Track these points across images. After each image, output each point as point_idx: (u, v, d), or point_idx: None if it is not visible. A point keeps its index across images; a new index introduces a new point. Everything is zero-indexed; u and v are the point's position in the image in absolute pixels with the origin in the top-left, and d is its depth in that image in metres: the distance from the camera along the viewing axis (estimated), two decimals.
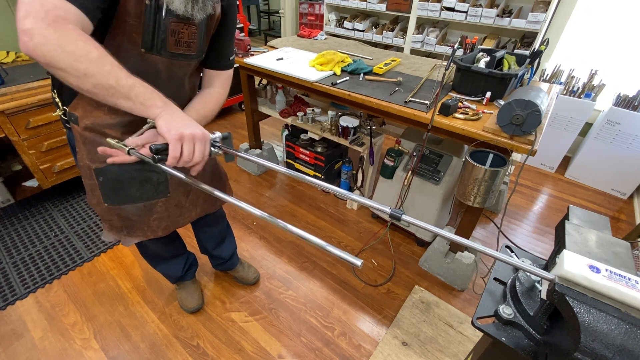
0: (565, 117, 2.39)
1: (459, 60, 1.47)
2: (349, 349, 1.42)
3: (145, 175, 0.98)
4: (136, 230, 1.07)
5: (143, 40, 0.77)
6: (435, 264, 1.73)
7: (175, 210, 1.11)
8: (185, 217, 1.16)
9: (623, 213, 2.25)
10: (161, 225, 1.10)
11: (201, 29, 0.85)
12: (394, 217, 0.60)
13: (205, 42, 0.90)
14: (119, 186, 0.97)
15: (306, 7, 3.76)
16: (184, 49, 0.84)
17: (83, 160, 0.93)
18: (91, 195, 1.00)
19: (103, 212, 1.03)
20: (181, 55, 0.85)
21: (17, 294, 1.59)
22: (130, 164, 0.86)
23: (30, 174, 1.98)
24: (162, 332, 1.47)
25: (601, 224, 0.70)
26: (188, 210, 1.15)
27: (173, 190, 1.07)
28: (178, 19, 0.79)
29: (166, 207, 1.08)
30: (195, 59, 0.91)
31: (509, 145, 1.20)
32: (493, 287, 0.75)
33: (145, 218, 1.06)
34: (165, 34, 0.79)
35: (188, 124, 0.70)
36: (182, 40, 0.83)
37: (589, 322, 0.49)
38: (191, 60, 0.89)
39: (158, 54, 0.81)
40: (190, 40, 0.84)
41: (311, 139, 2.27)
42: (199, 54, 0.90)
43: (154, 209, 1.06)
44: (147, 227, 1.08)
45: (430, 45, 2.79)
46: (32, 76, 1.85)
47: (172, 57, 0.83)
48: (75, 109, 0.86)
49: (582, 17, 2.40)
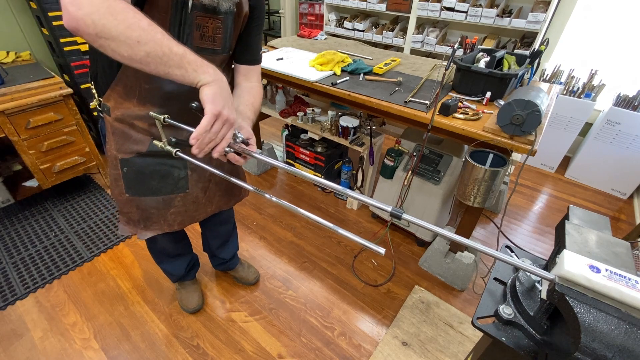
0: (565, 117, 2.39)
1: (459, 60, 1.47)
2: (349, 349, 1.42)
3: (167, 169, 1.02)
4: (153, 223, 1.10)
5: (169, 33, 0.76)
6: (435, 264, 1.73)
7: (192, 206, 1.14)
8: (200, 212, 1.19)
9: (623, 213, 2.25)
10: (177, 220, 1.13)
11: (226, 23, 0.86)
12: (395, 215, 0.60)
13: (232, 39, 0.91)
14: (141, 178, 1.00)
15: (306, 7, 3.76)
16: (208, 44, 0.85)
17: (111, 150, 0.97)
18: (114, 185, 1.04)
19: (123, 204, 1.06)
20: (206, 50, 0.86)
21: (17, 294, 1.59)
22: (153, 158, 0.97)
23: (30, 174, 1.98)
24: (162, 332, 1.47)
25: (601, 224, 0.70)
26: (204, 206, 1.18)
27: (192, 187, 1.10)
28: (203, 13, 0.80)
29: (184, 202, 1.11)
30: (221, 54, 0.91)
31: (509, 145, 1.20)
32: (493, 287, 0.75)
33: (163, 212, 1.09)
34: (190, 29, 0.80)
35: (230, 105, 0.71)
36: (206, 34, 0.84)
37: (589, 322, 0.49)
38: (216, 55, 0.90)
39: None
40: (215, 34, 0.85)
41: (311, 139, 2.27)
42: (224, 50, 0.91)
43: (172, 203, 1.09)
44: (164, 220, 1.11)
45: (430, 45, 2.79)
46: (32, 76, 1.85)
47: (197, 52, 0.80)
48: (108, 100, 0.88)
49: (582, 17, 2.40)
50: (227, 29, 0.87)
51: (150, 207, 1.07)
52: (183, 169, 1.05)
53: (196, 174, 1.09)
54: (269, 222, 2.07)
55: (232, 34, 0.90)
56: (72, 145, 2.01)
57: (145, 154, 0.98)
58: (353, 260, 1.83)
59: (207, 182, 1.14)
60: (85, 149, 2.07)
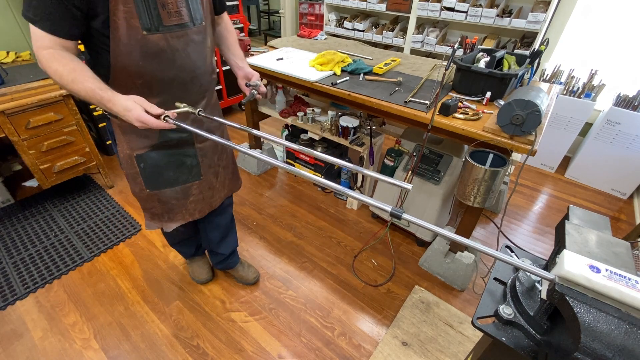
0: (565, 117, 2.39)
1: (459, 60, 1.47)
2: (349, 349, 1.42)
3: (180, 159, 1.09)
4: (176, 214, 1.19)
5: (141, 22, 0.82)
6: (435, 264, 1.73)
7: (208, 192, 1.22)
8: (216, 197, 1.27)
9: (623, 213, 2.25)
10: (197, 208, 1.22)
11: None
12: (395, 215, 0.60)
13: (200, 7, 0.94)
14: (158, 171, 1.08)
15: (306, 7, 3.76)
16: (176, 19, 0.88)
17: (124, 150, 1.04)
18: (133, 184, 1.11)
19: (145, 200, 1.14)
20: (176, 26, 0.89)
21: (17, 294, 1.59)
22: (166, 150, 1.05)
23: (30, 174, 1.98)
24: (162, 332, 1.47)
25: (601, 224, 0.70)
26: (218, 190, 1.26)
27: (205, 173, 1.17)
28: None
29: (200, 190, 1.19)
30: (193, 27, 0.92)
31: (509, 145, 1.20)
32: (493, 287, 0.75)
33: (183, 202, 1.17)
34: (157, 10, 0.84)
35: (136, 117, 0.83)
36: (172, 11, 0.86)
37: (589, 322, 0.49)
38: (187, 29, 0.91)
39: (157, 32, 0.86)
40: (179, 8, 0.88)
41: (311, 139, 2.27)
42: (195, 21, 0.92)
43: (189, 192, 1.16)
44: (185, 210, 1.19)
45: (430, 45, 2.79)
46: (32, 76, 1.85)
47: (169, 31, 0.88)
48: None
49: (582, 17, 2.40)
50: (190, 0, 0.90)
51: (171, 198, 1.14)
52: (194, 157, 1.11)
53: (207, 159, 1.15)
54: (269, 222, 2.08)
55: (194, 2, 0.91)
56: (72, 145, 2.01)
57: (158, 145, 1.04)
58: (353, 260, 1.83)
59: (217, 167, 1.21)
60: (85, 149, 2.07)
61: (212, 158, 1.18)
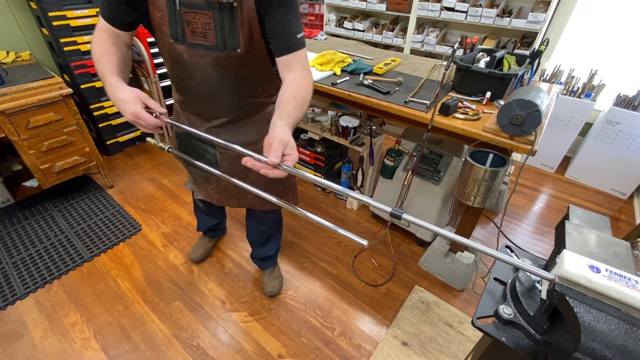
0: (565, 117, 2.39)
1: (459, 60, 1.47)
2: (349, 349, 1.42)
3: (202, 152, 1.17)
4: (201, 189, 1.34)
5: (170, 31, 0.88)
6: (435, 264, 1.73)
7: (225, 192, 1.27)
8: (234, 201, 1.31)
9: (623, 213, 2.24)
10: (215, 197, 1.31)
11: (218, 18, 0.83)
12: (395, 215, 0.60)
13: (234, 35, 0.86)
14: (184, 150, 1.20)
15: (306, 7, 3.75)
16: (200, 40, 0.87)
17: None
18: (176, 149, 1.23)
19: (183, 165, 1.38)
20: (200, 45, 0.88)
21: (17, 294, 1.59)
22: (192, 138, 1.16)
23: (30, 174, 1.98)
24: (162, 332, 1.47)
25: (601, 224, 0.70)
26: (237, 197, 1.29)
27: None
28: (189, 8, 0.83)
29: (218, 185, 1.26)
30: (219, 51, 0.88)
31: (509, 145, 1.20)
32: (493, 287, 0.75)
33: (205, 184, 1.29)
34: (182, 25, 0.86)
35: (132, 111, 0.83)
36: (197, 30, 0.86)
37: (589, 322, 0.49)
38: (211, 52, 0.88)
39: (182, 44, 0.89)
40: (205, 30, 0.85)
41: (311, 139, 2.27)
42: (222, 46, 0.87)
43: (210, 181, 1.26)
44: (206, 192, 1.32)
45: (430, 45, 2.79)
46: (32, 76, 1.85)
47: (193, 48, 0.89)
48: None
49: (582, 17, 2.40)
50: (220, 24, 0.84)
51: (197, 175, 1.28)
52: (213, 156, 1.16)
53: (225, 164, 1.16)
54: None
55: (232, 29, 0.85)
56: (72, 145, 2.01)
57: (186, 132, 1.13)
58: (353, 260, 1.83)
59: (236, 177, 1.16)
60: (85, 149, 2.07)
61: (232, 166, 1.15)
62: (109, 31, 0.89)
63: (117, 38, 0.91)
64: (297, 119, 0.80)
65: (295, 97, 0.84)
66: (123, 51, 0.92)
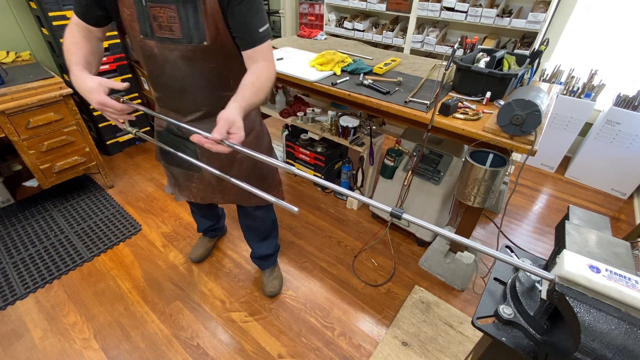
0: (565, 117, 2.39)
1: (459, 60, 1.47)
2: (349, 349, 1.42)
3: (182, 149, 1.16)
4: (183, 190, 1.32)
5: (140, 27, 0.90)
6: (435, 264, 1.73)
7: (209, 188, 1.27)
8: (218, 197, 1.30)
9: (623, 213, 2.25)
10: (199, 195, 1.30)
11: (181, 12, 0.85)
12: (395, 215, 0.60)
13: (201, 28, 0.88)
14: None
15: (306, 7, 3.75)
16: (167, 33, 0.89)
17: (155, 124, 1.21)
18: (157, 153, 1.28)
19: (164, 168, 1.31)
20: (167, 39, 0.90)
21: (17, 294, 1.59)
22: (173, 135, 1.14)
23: (30, 174, 1.98)
24: (162, 332, 1.47)
25: (601, 224, 0.70)
26: (221, 193, 1.29)
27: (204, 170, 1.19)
28: (154, 3, 0.85)
29: (201, 182, 1.26)
30: (186, 44, 0.90)
31: (509, 145, 1.20)
32: (493, 287, 0.75)
33: (187, 183, 1.28)
34: (149, 21, 0.88)
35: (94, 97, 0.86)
36: (163, 24, 0.88)
37: (589, 322, 0.49)
38: (179, 44, 0.90)
39: (152, 39, 0.91)
40: (171, 24, 0.88)
41: (311, 139, 2.27)
42: (189, 39, 0.89)
43: (192, 179, 1.26)
44: (190, 191, 1.30)
45: (430, 45, 2.79)
46: (32, 76, 1.85)
47: (161, 42, 0.91)
48: None
49: (582, 17, 2.40)
50: (184, 18, 0.86)
51: (179, 175, 1.27)
52: (194, 152, 1.16)
53: (205, 159, 1.16)
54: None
55: (196, 22, 0.87)
56: (72, 145, 2.01)
57: (169, 128, 1.15)
58: (353, 260, 1.83)
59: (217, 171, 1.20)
60: (85, 149, 2.07)
61: (212, 161, 1.17)
62: (80, 25, 0.93)
63: (89, 32, 0.95)
64: (251, 103, 0.86)
65: (253, 83, 0.89)
66: (93, 44, 0.95)
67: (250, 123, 1.19)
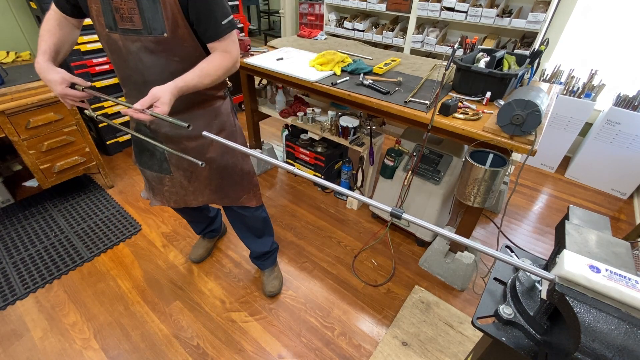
0: (565, 117, 2.39)
1: (459, 60, 1.47)
2: (349, 349, 1.42)
3: (152, 149, 1.17)
4: (156, 195, 1.31)
5: (105, 21, 0.92)
6: (435, 264, 1.73)
7: (181, 190, 1.27)
8: (191, 198, 1.29)
9: (623, 213, 2.25)
10: (172, 198, 1.29)
11: (140, 3, 0.88)
12: (395, 215, 0.60)
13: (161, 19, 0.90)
14: (138, 150, 1.22)
15: (306, 7, 3.76)
16: (128, 24, 0.91)
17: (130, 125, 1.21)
18: (133, 155, 1.27)
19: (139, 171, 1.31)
20: (129, 30, 0.92)
21: (17, 294, 1.59)
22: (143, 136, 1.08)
23: (30, 174, 1.98)
24: (162, 332, 1.47)
25: (601, 224, 0.70)
26: (194, 194, 1.28)
27: (175, 172, 1.21)
28: None
29: (172, 184, 1.25)
30: (146, 35, 0.92)
31: (509, 145, 1.20)
32: (493, 287, 0.75)
33: (160, 186, 1.27)
34: (113, 12, 0.90)
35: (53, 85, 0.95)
36: (124, 16, 0.90)
37: (589, 322, 0.49)
38: (141, 36, 0.92)
39: (116, 32, 0.93)
40: (131, 15, 0.90)
41: (311, 139, 2.27)
42: (150, 30, 0.91)
43: (163, 182, 1.25)
44: (162, 195, 1.30)
45: (430, 45, 2.79)
46: (32, 76, 1.85)
47: (124, 34, 0.93)
48: None
49: (582, 16, 2.40)
50: (144, 9, 0.88)
51: (151, 179, 1.26)
52: (162, 152, 1.17)
53: (174, 158, 1.18)
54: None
55: (155, 13, 0.89)
56: (72, 145, 2.01)
57: (137, 128, 1.15)
58: (353, 260, 1.83)
59: (188, 171, 1.22)
60: (85, 149, 2.07)
61: (181, 161, 1.17)
62: (57, 13, 0.98)
63: (64, 20, 1.00)
64: (191, 85, 0.93)
65: (201, 68, 0.95)
66: (66, 31, 1.01)
67: (221, 123, 1.18)
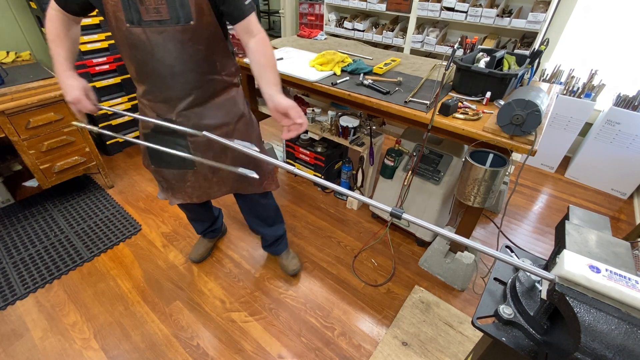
0: (565, 117, 2.39)
1: (459, 60, 1.47)
2: (349, 349, 1.42)
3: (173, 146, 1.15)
4: (177, 193, 1.30)
5: (125, 16, 0.91)
6: (435, 264, 1.73)
7: (205, 183, 1.27)
8: (215, 190, 1.31)
9: (623, 213, 2.25)
10: (195, 193, 1.29)
11: None
12: (395, 215, 0.60)
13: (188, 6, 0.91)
14: (156, 150, 1.17)
15: (306, 7, 3.75)
16: (155, 16, 0.91)
17: (140, 128, 1.20)
18: (144, 158, 1.26)
19: (154, 174, 1.29)
20: (155, 22, 0.92)
21: (17, 294, 1.59)
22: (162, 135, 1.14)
23: (30, 174, 1.98)
24: (162, 332, 1.47)
25: (601, 224, 0.70)
26: (217, 184, 1.29)
27: (199, 165, 1.21)
28: None
29: (196, 178, 1.25)
30: (174, 25, 0.92)
31: (509, 145, 1.20)
32: (493, 287, 0.75)
33: (181, 184, 1.26)
34: (136, 6, 0.89)
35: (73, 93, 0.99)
36: (150, 7, 0.90)
37: (589, 322, 0.49)
38: (167, 26, 0.92)
39: (139, 26, 0.92)
40: (158, 6, 0.90)
41: (311, 139, 2.27)
42: (176, 19, 0.92)
43: (186, 177, 1.24)
44: (184, 192, 1.29)
45: (430, 45, 2.79)
46: (32, 76, 1.85)
47: (149, 26, 0.92)
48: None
49: (582, 16, 2.40)
50: None
51: (171, 178, 1.25)
52: (186, 148, 1.16)
53: (199, 153, 1.17)
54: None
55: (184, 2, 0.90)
56: (72, 145, 2.01)
57: (156, 129, 1.14)
58: (353, 260, 1.83)
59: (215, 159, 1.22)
60: (85, 149, 2.07)
61: (206, 153, 1.19)
62: (60, 12, 0.97)
63: (68, 20, 0.99)
64: (278, 80, 0.99)
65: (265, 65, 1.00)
66: (74, 31, 1.02)
67: (239, 111, 1.20)
